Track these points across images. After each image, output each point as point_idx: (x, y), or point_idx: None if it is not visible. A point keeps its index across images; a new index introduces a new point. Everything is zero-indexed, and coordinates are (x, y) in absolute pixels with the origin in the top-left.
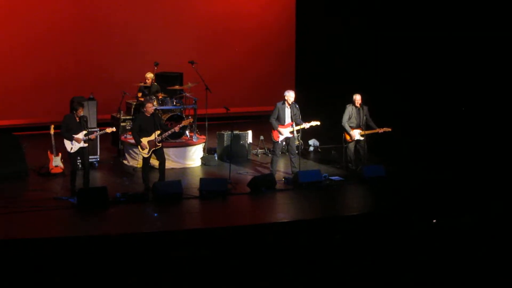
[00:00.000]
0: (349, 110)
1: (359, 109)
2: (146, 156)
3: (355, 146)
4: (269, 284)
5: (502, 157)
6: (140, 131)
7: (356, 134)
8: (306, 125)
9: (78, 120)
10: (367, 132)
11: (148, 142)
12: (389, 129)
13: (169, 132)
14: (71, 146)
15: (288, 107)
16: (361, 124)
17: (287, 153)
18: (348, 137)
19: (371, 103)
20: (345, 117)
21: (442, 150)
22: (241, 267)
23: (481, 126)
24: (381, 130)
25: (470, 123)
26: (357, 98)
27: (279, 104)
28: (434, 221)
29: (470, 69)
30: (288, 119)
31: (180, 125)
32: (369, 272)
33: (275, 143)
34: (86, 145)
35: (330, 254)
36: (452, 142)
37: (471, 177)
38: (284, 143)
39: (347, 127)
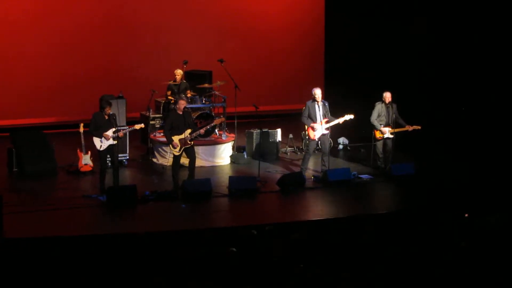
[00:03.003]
0: (379, 108)
1: (388, 106)
2: (177, 154)
3: (384, 144)
4: (297, 282)
5: None
6: (171, 129)
7: (387, 131)
8: (340, 120)
9: (107, 118)
10: (396, 130)
11: (179, 140)
12: (419, 127)
13: (199, 132)
14: (101, 144)
15: (318, 104)
16: (390, 122)
17: (316, 152)
18: (377, 135)
19: (400, 101)
20: (374, 115)
21: (471, 147)
22: (268, 266)
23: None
24: (410, 128)
25: (501, 121)
26: (387, 95)
27: (309, 103)
28: (466, 215)
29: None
30: (319, 117)
31: (210, 125)
32: (397, 270)
33: (310, 141)
34: (115, 142)
35: (358, 252)
36: (482, 140)
37: (501, 175)
38: (318, 141)
39: (376, 123)
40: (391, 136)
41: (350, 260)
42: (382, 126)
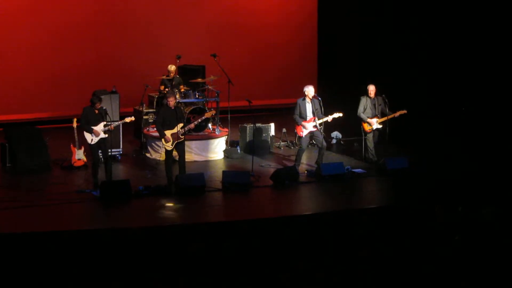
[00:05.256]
0: (364, 101)
1: (373, 99)
2: (169, 148)
3: (374, 136)
4: (290, 276)
5: None
6: (163, 123)
7: (374, 122)
8: (329, 118)
9: (97, 112)
10: (383, 119)
11: (172, 135)
12: (404, 111)
13: (190, 126)
14: (92, 138)
15: (309, 102)
16: (377, 113)
17: (309, 146)
18: (366, 127)
19: (393, 95)
20: (360, 108)
21: (465, 141)
22: (263, 260)
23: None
24: (397, 114)
25: (492, 114)
26: (371, 88)
27: (299, 101)
28: (460, 208)
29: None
30: (309, 114)
31: (202, 118)
32: (391, 264)
33: (301, 137)
34: (106, 136)
35: (352, 246)
36: (476, 133)
37: (494, 168)
38: (308, 137)
39: (363, 116)
40: (380, 126)
41: (343, 254)
42: (368, 118)
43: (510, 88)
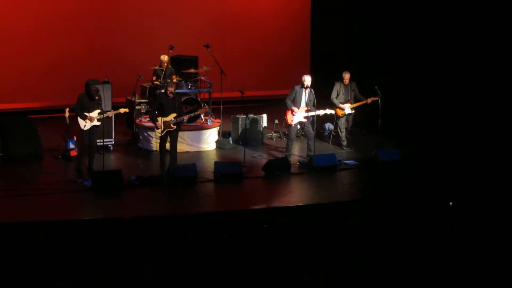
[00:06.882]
0: (337, 87)
1: (347, 85)
2: (159, 135)
3: (346, 120)
4: (281, 267)
5: None
6: (158, 110)
7: (346, 107)
8: (321, 112)
9: (92, 100)
10: (356, 104)
11: (164, 122)
12: (376, 98)
13: (182, 118)
14: (85, 124)
15: (306, 92)
16: (349, 98)
17: (301, 137)
18: (339, 112)
19: (385, 89)
20: (333, 94)
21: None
22: (254, 251)
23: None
24: (369, 100)
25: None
26: (346, 76)
27: (297, 88)
28: (451, 203)
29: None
30: (303, 104)
31: (194, 114)
32: (382, 258)
33: (290, 126)
34: (99, 123)
35: (343, 239)
36: (467, 129)
37: (485, 162)
38: (299, 126)
39: (335, 102)
40: (352, 111)
41: (335, 246)
42: (341, 103)
43: (506, 85)
